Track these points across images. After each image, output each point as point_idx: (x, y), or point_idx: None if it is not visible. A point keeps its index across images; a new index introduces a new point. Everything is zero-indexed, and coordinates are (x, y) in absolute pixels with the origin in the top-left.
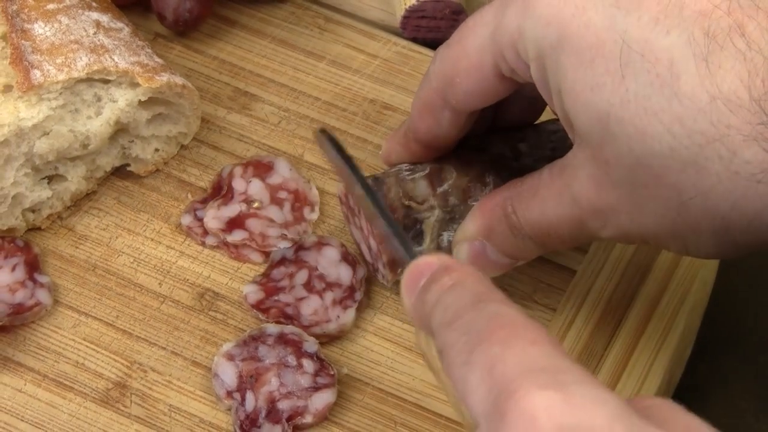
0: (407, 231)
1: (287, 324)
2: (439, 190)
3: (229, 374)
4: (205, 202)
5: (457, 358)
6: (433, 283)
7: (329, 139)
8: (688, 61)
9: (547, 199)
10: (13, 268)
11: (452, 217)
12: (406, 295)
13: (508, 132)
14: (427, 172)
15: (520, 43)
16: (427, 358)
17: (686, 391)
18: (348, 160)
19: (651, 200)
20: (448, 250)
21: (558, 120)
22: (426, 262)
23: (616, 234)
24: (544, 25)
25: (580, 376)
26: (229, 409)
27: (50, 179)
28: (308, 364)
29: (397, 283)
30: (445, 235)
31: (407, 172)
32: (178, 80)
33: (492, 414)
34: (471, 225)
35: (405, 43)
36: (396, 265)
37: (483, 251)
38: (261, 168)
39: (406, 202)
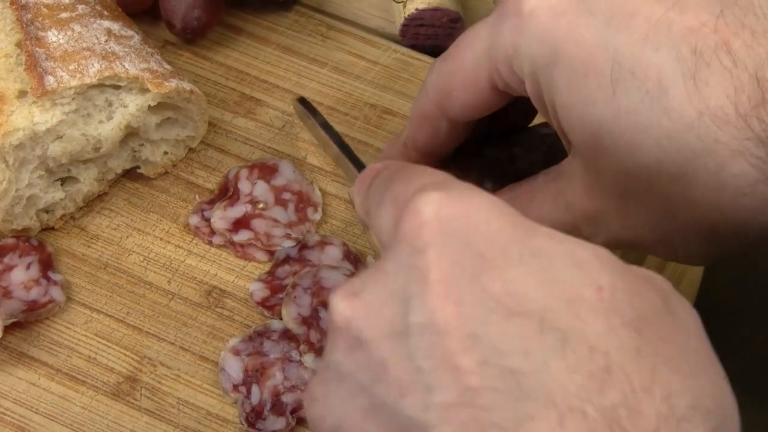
0: None
1: None
2: None
3: (235, 368)
4: (212, 203)
5: (374, 208)
6: (375, 179)
7: (307, 107)
8: (676, 77)
9: (543, 204)
10: (28, 267)
11: None
12: (355, 199)
13: (503, 137)
14: None
15: (515, 60)
16: (375, 250)
17: None
18: (323, 123)
19: (641, 209)
20: None
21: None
22: (372, 166)
23: (607, 240)
24: (538, 43)
25: (468, 185)
26: (236, 402)
27: (63, 181)
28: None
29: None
30: None
31: None
32: (186, 86)
33: (392, 228)
34: None
35: (404, 50)
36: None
37: None
38: (266, 170)
39: None
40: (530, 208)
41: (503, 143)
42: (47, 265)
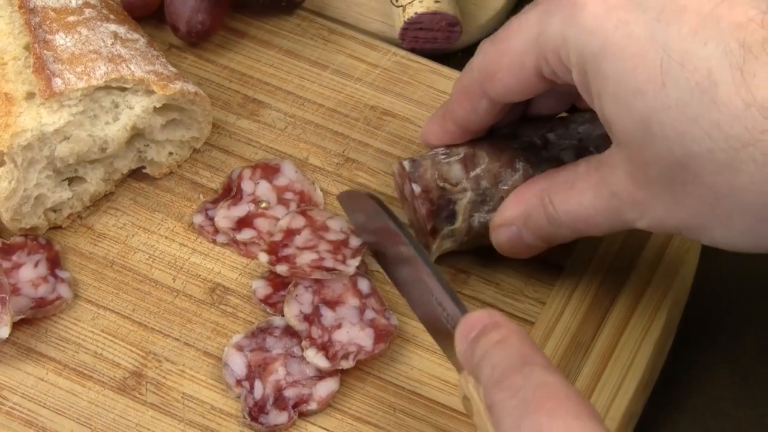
0: (441, 211)
1: None
2: (472, 173)
3: (238, 364)
4: (216, 202)
5: (508, 421)
6: (482, 337)
7: (378, 202)
8: (724, 70)
9: (585, 191)
10: (36, 264)
11: (483, 200)
12: (458, 344)
13: (538, 122)
14: (461, 156)
15: (563, 49)
16: (470, 400)
17: (668, 380)
18: (398, 223)
19: (687, 197)
20: (479, 230)
21: (585, 114)
22: (477, 316)
23: (651, 224)
24: (588, 35)
25: None
26: (239, 397)
27: (70, 181)
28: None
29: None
30: (476, 216)
31: (443, 156)
32: (191, 88)
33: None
34: (508, 211)
35: (404, 53)
36: (436, 234)
37: (519, 236)
38: (268, 170)
39: (441, 184)
40: (571, 196)
41: (538, 129)
42: (55, 262)
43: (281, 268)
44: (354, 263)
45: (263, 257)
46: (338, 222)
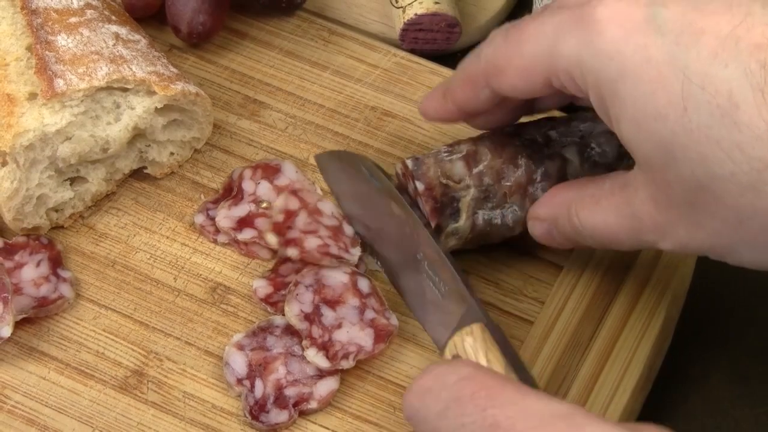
0: (445, 208)
1: None
2: (475, 170)
3: (239, 363)
4: (216, 202)
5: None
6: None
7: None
8: (745, 91)
9: (609, 209)
10: (38, 264)
11: (486, 196)
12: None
13: (540, 120)
14: (464, 153)
15: (577, 70)
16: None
17: (666, 379)
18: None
19: (710, 218)
20: (483, 227)
21: (586, 111)
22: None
23: (673, 246)
24: (606, 59)
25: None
26: (240, 396)
27: (72, 181)
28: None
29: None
30: (480, 213)
31: (446, 153)
32: (192, 89)
33: None
34: (541, 209)
35: (404, 54)
36: (440, 231)
37: (551, 232)
38: (269, 170)
39: (444, 181)
40: (596, 212)
41: (540, 127)
42: (57, 262)
43: (292, 252)
44: (356, 252)
45: (271, 238)
46: (328, 206)
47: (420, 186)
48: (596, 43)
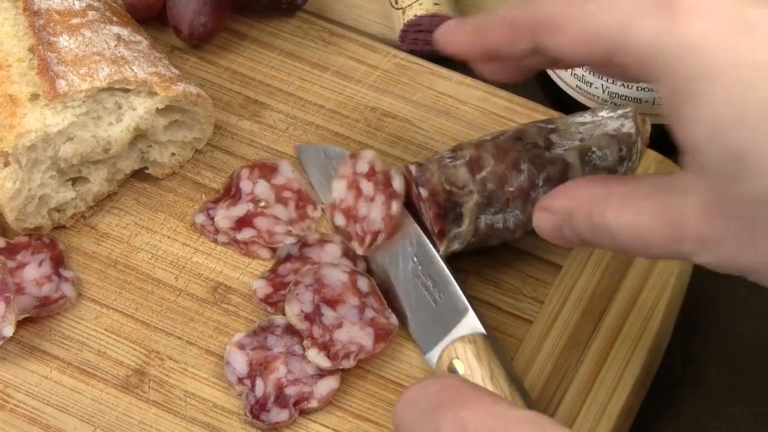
0: (448, 213)
1: None
2: (478, 176)
3: (240, 362)
4: (217, 202)
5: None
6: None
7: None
8: None
9: (643, 212)
10: (40, 264)
11: (489, 202)
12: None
13: (540, 123)
14: (467, 159)
15: (654, 57)
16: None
17: (664, 378)
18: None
19: (766, 239)
20: (485, 231)
21: (585, 113)
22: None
23: (714, 261)
24: (689, 54)
25: None
26: (240, 395)
27: (74, 181)
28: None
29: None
30: (483, 218)
31: (449, 159)
32: (193, 89)
33: None
34: (555, 200)
35: (403, 55)
36: (443, 236)
37: (560, 227)
38: (266, 169)
39: (448, 187)
40: (625, 213)
41: (541, 130)
42: (59, 262)
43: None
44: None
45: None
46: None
47: (424, 192)
48: (681, 34)
